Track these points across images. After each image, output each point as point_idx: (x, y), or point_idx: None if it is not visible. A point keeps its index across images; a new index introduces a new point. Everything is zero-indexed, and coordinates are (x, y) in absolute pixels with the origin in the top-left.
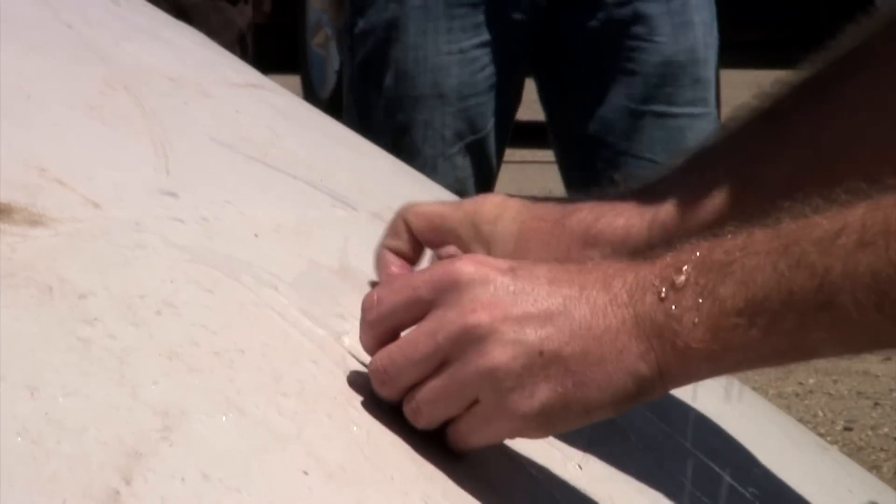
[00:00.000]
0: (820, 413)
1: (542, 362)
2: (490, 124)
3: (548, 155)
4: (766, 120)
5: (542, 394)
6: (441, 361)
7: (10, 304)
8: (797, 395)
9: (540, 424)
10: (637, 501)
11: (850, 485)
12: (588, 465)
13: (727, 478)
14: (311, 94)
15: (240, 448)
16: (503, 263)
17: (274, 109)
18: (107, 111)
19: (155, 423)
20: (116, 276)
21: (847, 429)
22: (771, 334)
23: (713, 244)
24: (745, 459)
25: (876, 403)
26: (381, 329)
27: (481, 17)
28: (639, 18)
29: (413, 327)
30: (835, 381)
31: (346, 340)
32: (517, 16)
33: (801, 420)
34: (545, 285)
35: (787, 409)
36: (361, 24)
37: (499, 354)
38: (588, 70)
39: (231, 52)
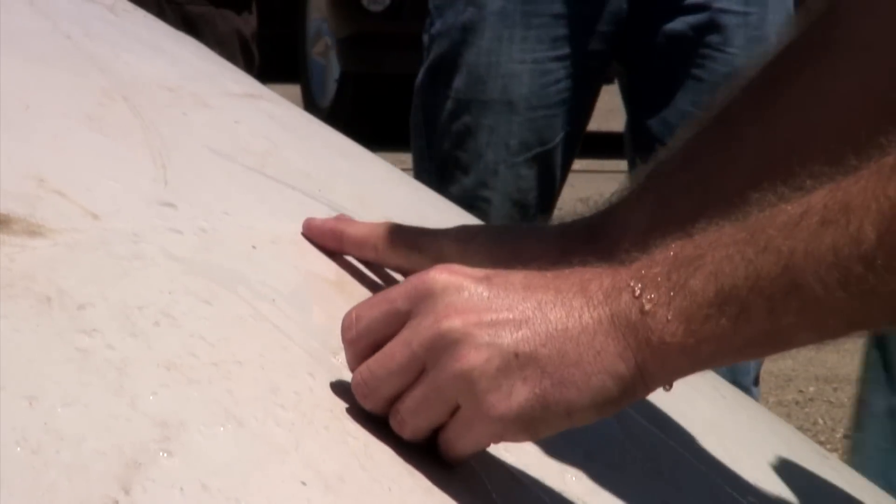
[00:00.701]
0: (820, 421)
1: (518, 364)
2: (559, 138)
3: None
4: (716, 130)
5: (519, 395)
6: (419, 370)
7: (8, 315)
8: (797, 402)
9: (521, 427)
10: None
11: (851, 493)
12: (585, 475)
13: (726, 487)
14: (311, 104)
15: (238, 459)
16: (478, 272)
17: (273, 120)
18: (106, 122)
19: (154, 433)
20: (115, 287)
21: (847, 437)
22: (742, 322)
23: (685, 241)
24: (745, 468)
25: None
26: (361, 346)
27: (562, 31)
28: (714, 27)
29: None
30: (835, 389)
31: (342, 356)
32: (601, 27)
33: (801, 428)
34: (520, 290)
35: (788, 417)
36: (438, 25)
37: (473, 357)
38: (660, 72)
39: (236, 61)
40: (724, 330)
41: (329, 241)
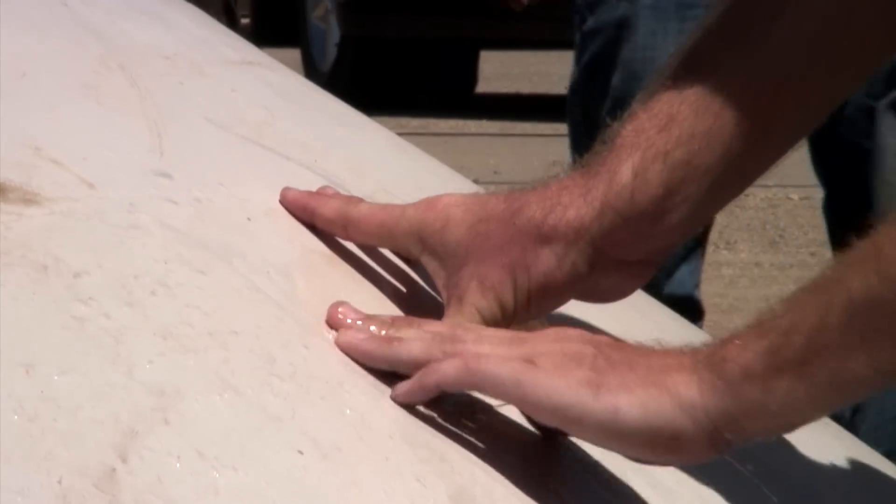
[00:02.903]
0: None
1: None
2: None
3: (550, 128)
4: (685, 78)
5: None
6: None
7: (5, 283)
8: None
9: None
10: (629, 476)
11: (852, 460)
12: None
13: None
14: (311, 68)
15: (235, 427)
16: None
17: (270, 88)
18: (102, 91)
19: (150, 401)
20: (111, 256)
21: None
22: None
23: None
24: None
25: None
26: None
27: None
28: None
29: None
30: None
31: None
32: None
33: None
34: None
35: None
36: (591, 22)
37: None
38: None
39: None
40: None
41: (302, 216)
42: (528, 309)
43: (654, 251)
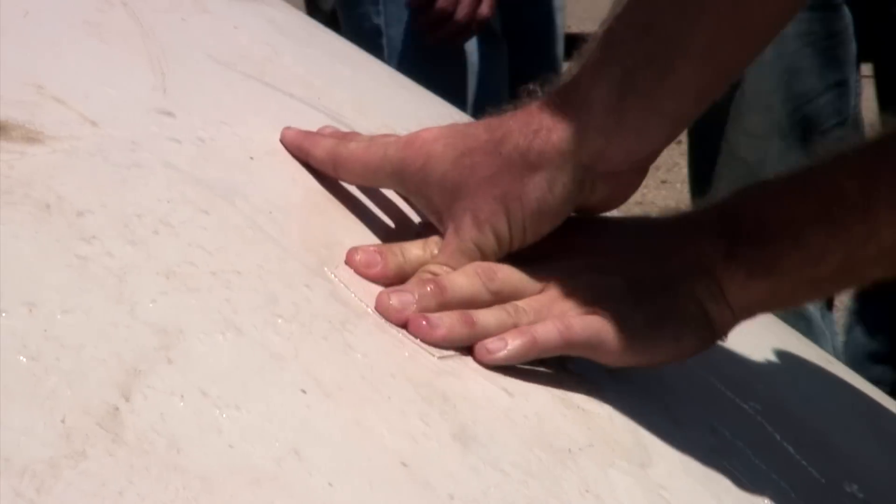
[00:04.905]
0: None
1: None
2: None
3: None
4: None
5: None
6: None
7: (8, 221)
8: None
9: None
10: (627, 424)
11: (854, 398)
12: (583, 368)
13: (728, 392)
14: (314, 6)
15: (238, 366)
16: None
17: (273, 25)
18: (105, 28)
19: (153, 340)
20: (114, 195)
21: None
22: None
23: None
24: (747, 372)
25: None
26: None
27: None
28: None
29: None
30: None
31: (339, 271)
32: None
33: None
34: None
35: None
36: None
37: None
38: None
39: None
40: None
41: (298, 155)
42: (525, 236)
43: (643, 159)
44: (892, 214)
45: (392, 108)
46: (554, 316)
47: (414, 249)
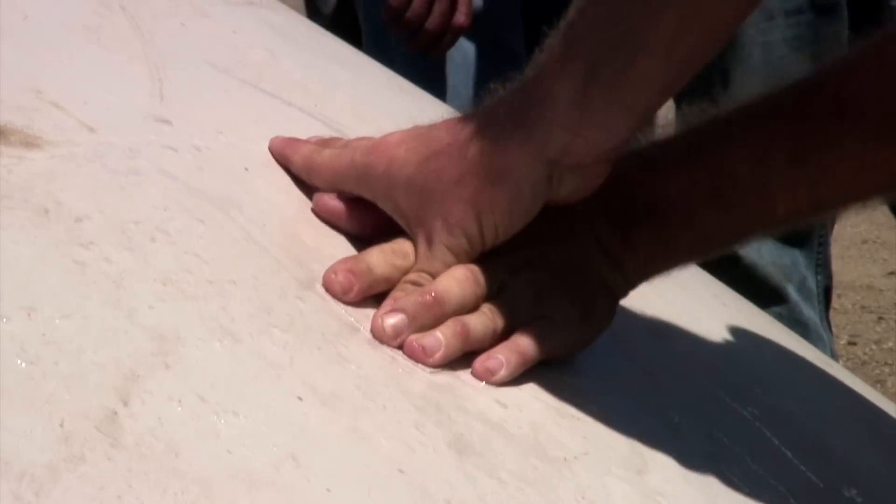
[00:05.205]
0: None
1: None
2: None
3: None
4: None
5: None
6: None
7: (6, 226)
8: None
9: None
10: (623, 431)
11: (854, 400)
12: (578, 377)
13: (725, 397)
14: (313, 10)
15: (235, 373)
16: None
17: (272, 29)
18: (103, 33)
19: (151, 346)
20: (112, 201)
21: (851, 343)
22: None
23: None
24: (745, 377)
25: (880, 318)
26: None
27: None
28: None
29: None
30: (839, 296)
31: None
32: None
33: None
34: None
35: None
36: None
37: None
38: None
39: None
40: None
41: (282, 163)
42: (496, 235)
43: (608, 150)
44: (787, 193)
45: (392, 113)
46: (520, 323)
47: (375, 256)
